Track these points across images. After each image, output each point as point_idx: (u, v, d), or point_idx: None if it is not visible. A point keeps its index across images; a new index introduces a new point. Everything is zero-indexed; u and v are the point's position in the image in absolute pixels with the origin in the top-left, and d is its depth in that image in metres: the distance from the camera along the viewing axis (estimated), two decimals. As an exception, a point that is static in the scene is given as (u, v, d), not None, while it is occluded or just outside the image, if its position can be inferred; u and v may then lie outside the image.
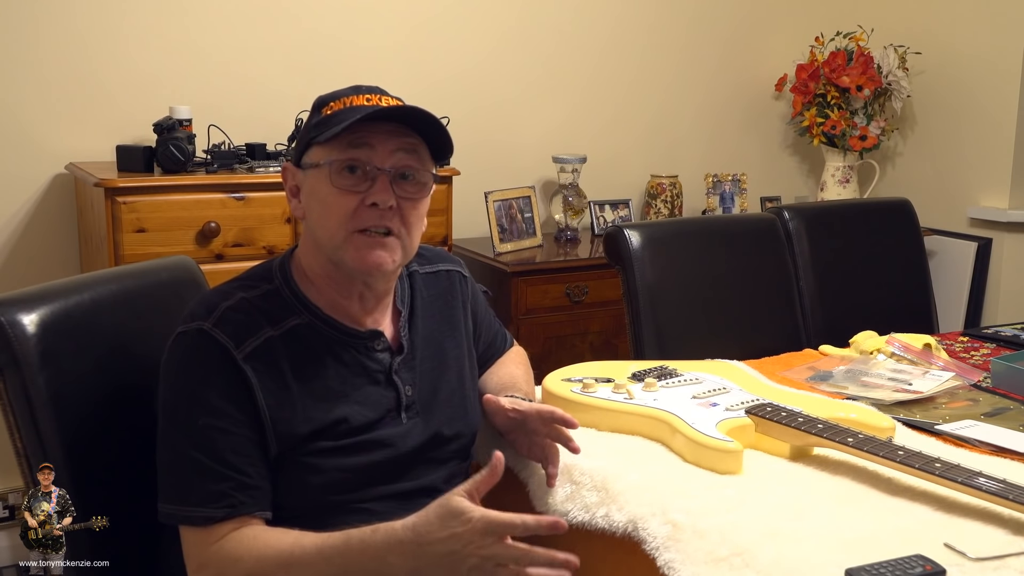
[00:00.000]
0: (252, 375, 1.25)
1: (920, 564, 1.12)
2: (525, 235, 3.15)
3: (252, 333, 1.27)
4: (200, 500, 1.23)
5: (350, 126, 1.26)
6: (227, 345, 1.25)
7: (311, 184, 1.32)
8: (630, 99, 3.53)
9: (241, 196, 2.49)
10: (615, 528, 1.29)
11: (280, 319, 1.30)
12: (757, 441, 1.49)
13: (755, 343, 2.15)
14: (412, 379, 1.39)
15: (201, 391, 1.24)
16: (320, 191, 1.30)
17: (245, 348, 1.26)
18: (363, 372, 1.34)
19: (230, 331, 1.26)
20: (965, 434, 1.56)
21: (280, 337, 1.29)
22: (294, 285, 1.34)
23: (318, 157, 1.30)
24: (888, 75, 3.51)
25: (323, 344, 1.32)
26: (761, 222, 2.42)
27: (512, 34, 3.30)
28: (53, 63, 2.69)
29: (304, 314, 1.32)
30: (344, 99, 1.31)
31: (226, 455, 1.23)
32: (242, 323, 1.28)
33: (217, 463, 1.23)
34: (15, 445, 1.33)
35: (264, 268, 1.38)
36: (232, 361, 1.25)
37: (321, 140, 1.28)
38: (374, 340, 1.36)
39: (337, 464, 1.29)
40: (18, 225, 2.74)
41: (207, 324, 1.26)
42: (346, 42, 3.03)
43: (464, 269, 1.56)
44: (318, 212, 1.31)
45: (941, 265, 3.51)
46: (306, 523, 1.23)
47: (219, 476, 1.23)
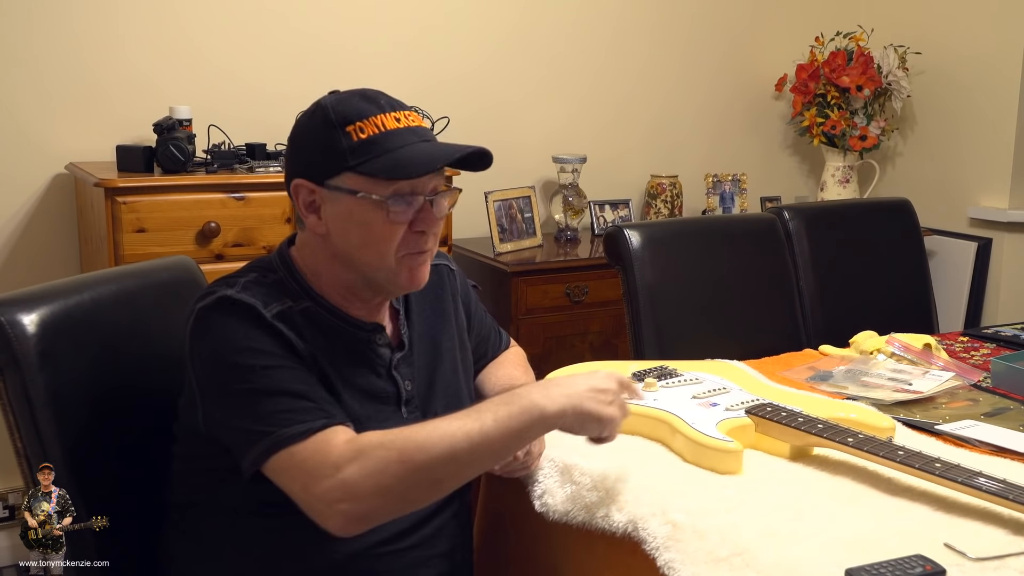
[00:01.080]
0: (285, 329, 1.26)
1: (920, 564, 1.12)
2: (525, 235, 3.15)
3: (273, 301, 1.28)
4: (292, 420, 1.20)
5: (411, 173, 1.27)
6: (255, 304, 1.26)
7: (346, 209, 1.29)
8: (630, 99, 3.53)
9: (241, 196, 2.49)
10: (615, 528, 1.29)
11: (294, 300, 1.32)
12: (757, 441, 1.49)
13: (755, 343, 2.15)
14: (411, 374, 1.40)
15: (245, 343, 1.24)
16: (366, 219, 1.29)
17: (272, 309, 1.27)
18: (366, 362, 1.36)
19: (254, 295, 1.27)
20: (965, 434, 1.56)
21: (298, 312, 1.30)
22: (299, 276, 1.35)
23: (358, 185, 1.28)
24: (888, 75, 3.51)
25: (332, 329, 1.33)
26: (761, 222, 2.42)
27: (513, 35, 3.30)
28: (53, 63, 2.69)
29: (311, 302, 1.33)
30: (372, 119, 1.29)
31: (295, 385, 1.24)
32: (263, 293, 1.29)
33: (290, 395, 1.22)
34: (15, 445, 1.34)
35: (263, 261, 1.38)
36: (262, 318, 1.26)
37: (371, 173, 1.27)
38: (377, 334, 1.38)
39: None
40: (18, 225, 2.74)
41: (231, 291, 1.27)
42: (347, 42, 3.03)
43: (451, 263, 1.57)
44: (360, 238, 1.30)
45: (941, 265, 3.51)
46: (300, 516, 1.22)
47: (299, 398, 1.23)
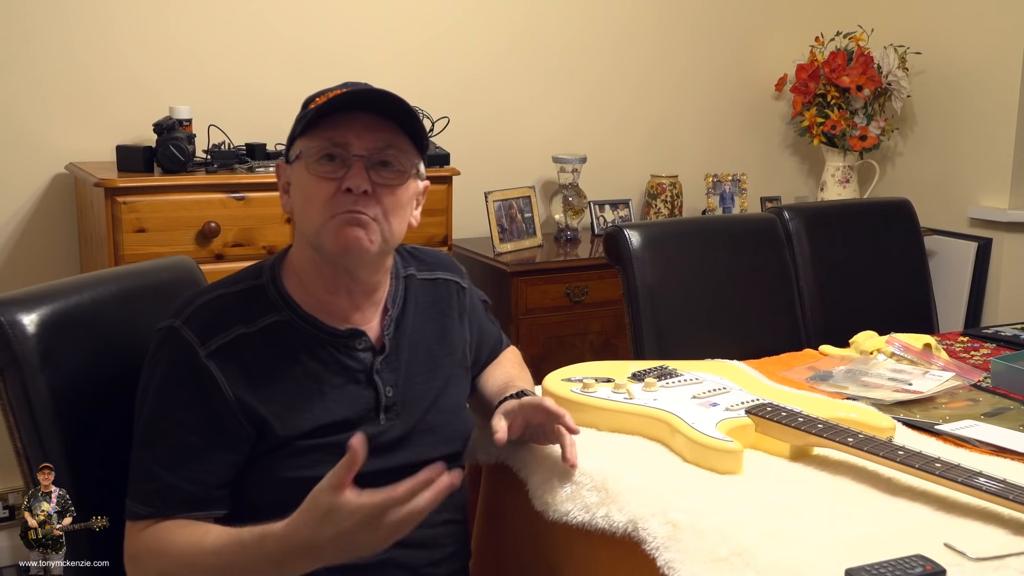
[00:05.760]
0: (216, 370, 1.28)
1: (920, 564, 1.12)
2: (525, 235, 3.15)
3: (221, 330, 1.30)
4: (133, 494, 1.27)
5: (321, 110, 1.29)
6: (192, 343, 1.28)
7: (295, 177, 1.34)
8: (630, 99, 3.53)
9: (241, 196, 2.49)
10: (615, 528, 1.29)
11: (256, 317, 1.32)
12: (757, 441, 1.49)
13: (755, 343, 2.15)
14: (394, 380, 1.38)
15: (167, 388, 1.28)
16: (301, 181, 1.33)
17: (211, 345, 1.28)
18: (342, 371, 1.34)
19: (197, 328, 1.29)
20: (965, 434, 1.56)
21: (255, 335, 1.31)
22: (280, 283, 1.36)
23: (300, 149, 1.33)
24: (888, 75, 3.51)
25: (301, 342, 1.33)
26: (761, 222, 2.42)
27: (515, 37, 3.30)
28: (53, 63, 2.70)
29: (284, 311, 1.34)
30: (329, 93, 1.33)
31: (183, 454, 1.26)
32: (212, 320, 1.30)
33: (156, 463, 1.26)
34: (15, 445, 1.33)
35: (257, 266, 1.40)
36: (195, 359, 1.27)
37: (300, 131, 1.32)
38: (355, 339, 1.36)
39: (310, 461, 1.28)
40: (18, 225, 2.74)
41: (177, 322, 1.30)
42: (347, 42, 3.03)
43: (464, 279, 1.55)
44: (300, 202, 1.34)
45: (941, 265, 3.51)
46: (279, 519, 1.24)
47: (153, 475, 1.26)
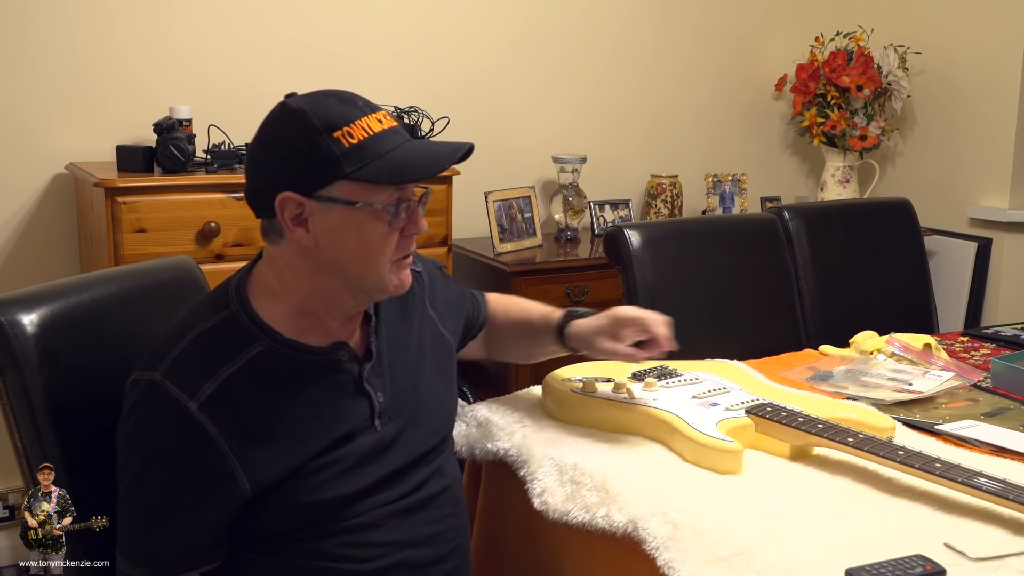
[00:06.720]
0: (210, 424, 1.22)
1: (920, 564, 1.12)
2: (525, 235, 3.15)
3: (208, 376, 1.23)
4: (122, 549, 1.27)
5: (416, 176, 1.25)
6: (179, 398, 1.21)
7: (338, 219, 1.24)
8: (630, 99, 3.53)
9: (241, 196, 2.49)
10: (615, 528, 1.29)
11: (238, 352, 1.26)
12: (757, 441, 1.49)
13: (755, 343, 2.15)
14: (383, 385, 1.35)
15: (148, 446, 1.24)
16: (363, 228, 1.25)
17: (200, 396, 1.22)
18: (333, 387, 1.31)
19: (180, 379, 1.22)
20: (965, 434, 1.56)
21: (240, 371, 1.25)
22: (251, 309, 1.28)
23: (354, 194, 1.23)
24: (888, 75, 3.51)
25: (286, 368, 1.28)
26: (761, 222, 2.42)
27: (515, 37, 3.29)
28: (53, 63, 2.69)
29: (263, 340, 1.27)
30: (358, 123, 1.24)
31: (150, 515, 1.24)
32: (194, 368, 1.23)
33: (142, 520, 1.25)
34: (15, 445, 1.33)
35: (220, 292, 1.33)
36: (184, 414, 1.21)
37: (372, 179, 1.23)
38: (338, 352, 1.32)
39: (320, 482, 1.28)
40: (18, 225, 2.74)
41: (158, 375, 1.22)
42: (346, 42, 3.03)
43: (417, 264, 1.49)
44: (356, 248, 1.26)
45: (941, 265, 3.51)
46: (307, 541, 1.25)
47: (140, 533, 1.25)
